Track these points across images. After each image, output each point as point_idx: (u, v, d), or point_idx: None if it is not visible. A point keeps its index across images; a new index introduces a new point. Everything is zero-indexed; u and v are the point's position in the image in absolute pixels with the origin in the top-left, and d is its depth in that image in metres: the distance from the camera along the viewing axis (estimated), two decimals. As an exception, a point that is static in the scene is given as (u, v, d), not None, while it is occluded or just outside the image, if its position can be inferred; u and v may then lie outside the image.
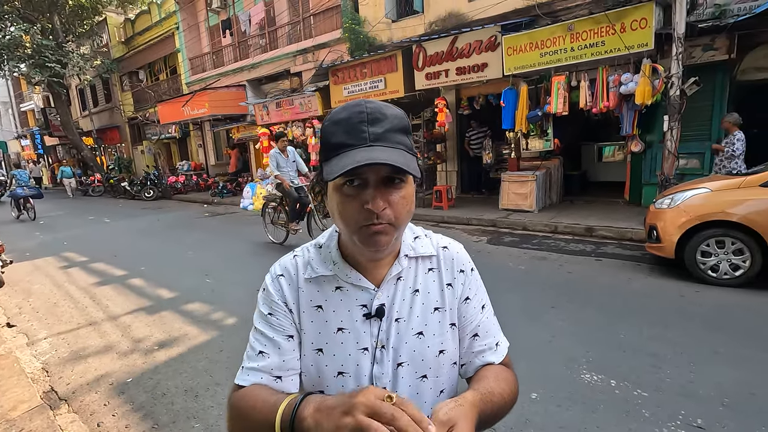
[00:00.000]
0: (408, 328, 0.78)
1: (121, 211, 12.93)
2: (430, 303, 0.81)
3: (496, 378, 0.78)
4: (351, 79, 10.09)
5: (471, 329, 0.84)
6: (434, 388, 0.80)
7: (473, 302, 0.85)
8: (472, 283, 0.86)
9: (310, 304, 0.79)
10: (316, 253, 0.82)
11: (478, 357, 0.83)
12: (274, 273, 0.83)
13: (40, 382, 3.24)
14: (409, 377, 0.78)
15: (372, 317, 0.77)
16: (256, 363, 0.77)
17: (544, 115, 7.54)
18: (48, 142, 26.36)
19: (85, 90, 22.79)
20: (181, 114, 14.43)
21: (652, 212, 4.70)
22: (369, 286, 0.78)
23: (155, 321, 4.18)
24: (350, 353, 0.77)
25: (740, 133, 5.81)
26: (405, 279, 0.81)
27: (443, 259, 0.85)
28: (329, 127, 0.70)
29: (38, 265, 6.73)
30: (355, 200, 0.68)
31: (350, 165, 0.64)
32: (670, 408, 2.38)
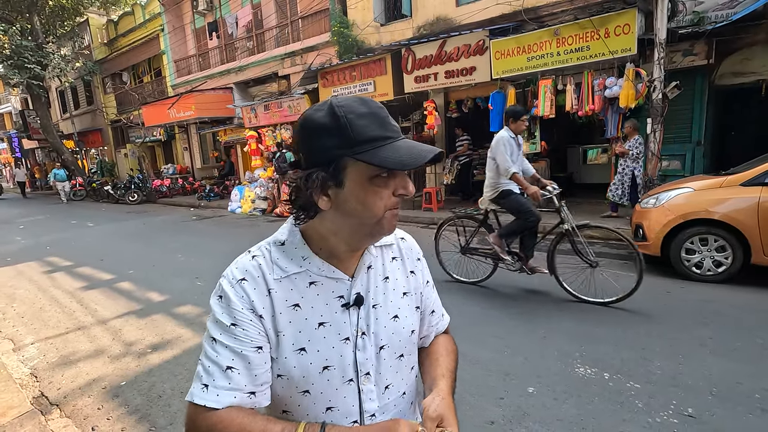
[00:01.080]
0: (385, 313, 0.83)
1: (104, 215, 12.67)
2: (400, 288, 0.87)
3: (447, 351, 0.94)
4: (340, 82, 10.12)
5: (431, 307, 0.96)
6: (408, 365, 0.88)
7: (429, 285, 0.97)
8: (425, 270, 0.97)
9: (286, 305, 0.76)
10: (280, 252, 0.79)
11: (433, 328, 0.98)
12: (234, 278, 0.76)
13: (29, 387, 3.16)
14: (390, 358, 0.83)
15: (351, 306, 0.79)
16: (226, 381, 0.71)
17: (531, 118, 7.67)
18: (26, 146, 25.64)
19: (66, 92, 22.29)
20: (167, 116, 14.24)
21: (638, 211, 4.83)
22: (344, 277, 0.79)
23: (147, 324, 4.12)
24: (333, 345, 0.77)
25: (640, 137, 6.46)
26: (375, 267, 0.85)
27: (403, 249, 0.92)
28: (356, 119, 0.68)
29: (21, 270, 6.56)
30: (386, 189, 0.72)
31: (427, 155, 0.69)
32: (661, 398, 2.45)
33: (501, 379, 2.78)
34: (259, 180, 11.50)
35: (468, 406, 2.51)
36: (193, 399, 0.71)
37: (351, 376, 0.79)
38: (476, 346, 3.23)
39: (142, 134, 18.12)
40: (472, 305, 4.05)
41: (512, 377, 2.79)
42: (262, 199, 11.09)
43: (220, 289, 0.76)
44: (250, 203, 11.27)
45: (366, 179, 0.70)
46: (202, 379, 0.72)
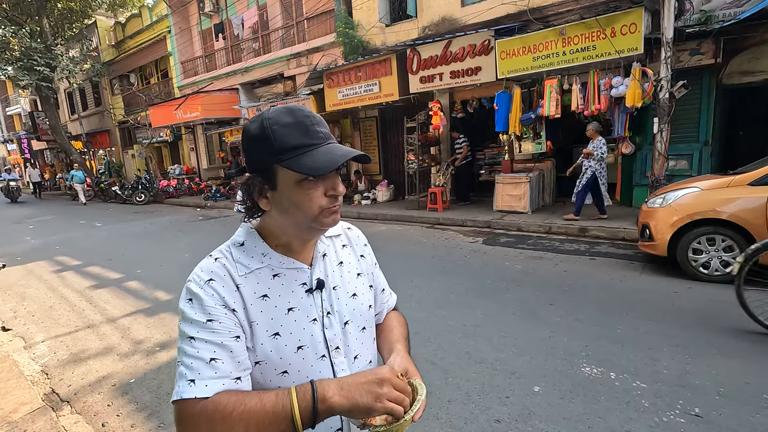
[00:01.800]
0: (345, 293, 0.93)
1: (112, 216, 12.79)
2: (353, 271, 0.98)
3: (399, 323, 1.08)
4: (346, 83, 10.15)
5: (381, 286, 1.09)
6: (369, 336, 0.99)
7: (377, 268, 1.09)
8: (371, 254, 1.08)
9: (255, 296, 0.82)
10: (240, 252, 0.85)
11: (384, 305, 1.10)
12: (201, 280, 0.80)
13: (40, 384, 3.21)
14: (355, 331, 0.93)
15: (314, 291, 0.88)
16: (212, 371, 0.73)
17: (537, 118, 7.66)
18: (36, 147, 25.94)
19: (74, 93, 22.53)
20: (174, 117, 14.35)
21: (644, 211, 4.81)
22: (303, 266, 0.89)
23: (155, 323, 4.17)
24: (304, 327, 0.85)
25: (603, 139, 6.66)
26: (329, 255, 0.95)
27: (351, 237, 1.04)
28: (280, 129, 0.77)
29: (31, 269, 6.65)
30: (317, 189, 0.79)
31: (341, 159, 0.76)
32: (668, 398, 2.45)
33: (507, 378, 2.79)
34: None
35: (474, 405, 2.53)
36: (182, 396, 0.72)
37: (323, 352, 0.87)
38: (482, 345, 3.23)
39: (149, 135, 18.27)
40: (475, 307, 4.06)
41: (518, 376, 2.80)
42: (267, 199, 11.13)
43: (188, 293, 0.79)
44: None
45: (294, 183, 0.79)
46: (186, 377, 0.73)
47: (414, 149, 9.40)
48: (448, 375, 2.87)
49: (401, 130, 10.34)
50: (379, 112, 11.31)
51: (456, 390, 2.69)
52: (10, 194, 18.77)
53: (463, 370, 2.92)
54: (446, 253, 6.09)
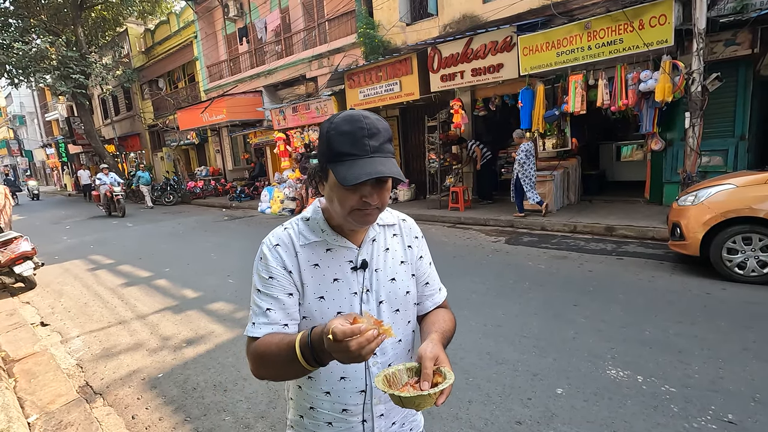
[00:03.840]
0: (385, 276, 1.04)
1: (143, 216, 13.25)
2: (398, 258, 1.08)
3: (444, 319, 1.07)
4: (366, 83, 10.19)
5: (423, 279, 1.14)
6: (404, 319, 1.07)
7: (424, 260, 1.15)
8: (422, 247, 1.15)
9: (308, 263, 0.99)
10: (305, 225, 1.03)
11: (429, 299, 1.15)
12: (271, 243, 1.00)
13: (75, 377, 3.37)
14: (388, 311, 1.04)
15: (358, 269, 1.01)
16: (265, 318, 0.95)
17: (561, 115, 7.49)
18: (72, 150, 27.15)
19: (107, 99, 23.43)
20: (200, 120, 14.74)
21: (675, 210, 4.63)
22: (353, 246, 1.01)
23: (182, 320, 4.30)
24: (345, 297, 0.99)
25: (527, 144, 7.28)
26: (378, 240, 1.06)
27: (403, 228, 1.12)
28: (336, 136, 0.88)
29: (67, 268, 6.96)
30: (355, 194, 0.89)
31: (365, 177, 0.84)
32: (699, 403, 2.35)
33: (529, 379, 2.74)
34: (288, 181, 11.73)
35: (494, 406, 2.49)
36: (246, 333, 0.97)
37: None
38: (503, 346, 3.19)
39: (177, 138, 18.82)
40: (496, 307, 4.00)
41: (540, 378, 2.75)
42: (290, 199, 11.30)
43: (260, 252, 1.01)
44: (279, 204, 11.51)
45: (335, 182, 0.89)
46: (251, 319, 0.97)
47: (435, 148, 9.35)
48: (469, 375, 2.84)
49: (422, 129, 10.29)
50: (400, 112, 11.29)
51: (476, 390, 2.66)
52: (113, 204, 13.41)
53: (483, 370, 2.89)
54: (468, 252, 6.03)
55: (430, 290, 1.15)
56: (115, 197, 13.08)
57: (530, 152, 7.27)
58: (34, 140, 36.28)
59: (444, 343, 0.96)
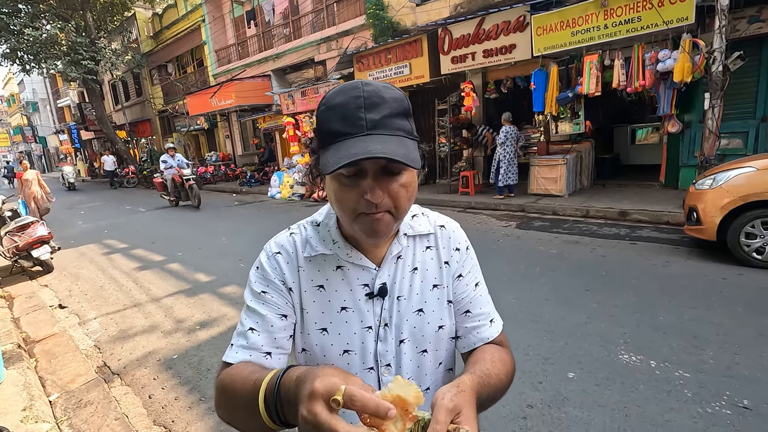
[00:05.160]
0: (409, 306, 0.80)
1: (155, 202, 13.39)
2: (429, 280, 0.82)
3: (492, 359, 0.77)
4: (376, 66, 10.05)
5: (463, 305, 0.84)
6: (434, 361, 0.83)
7: (465, 279, 0.85)
8: (466, 261, 0.86)
9: (311, 284, 0.78)
10: (314, 231, 0.81)
11: (472, 333, 0.84)
12: (270, 251, 0.81)
13: (93, 358, 3.45)
14: (411, 352, 0.80)
15: (374, 297, 0.78)
16: (245, 340, 0.75)
17: (575, 97, 7.32)
18: (84, 137, 27.44)
19: (117, 85, 23.55)
20: (209, 105, 14.74)
21: (692, 194, 4.53)
22: (370, 266, 0.78)
23: (195, 303, 4.37)
24: (355, 332, 0.77)
25: (508, 128, 7.57)
26: (404, 258, 0.81)
27: (441, 238, 0.86)
28: (324, 113, 0.67)
29: (83, 252, 7.10)
30: (353, 190, 0.67)
31: (346, 159, 0.61)
32: (713, 388, 2.33)
33: (539, 363, 2.74)
34: (297, 166, 11.73)
35: (505, 389, 2.50)
36: (223, 357, 0.77)
37: (371, 365, 0.79)
38: (514, 330, 3.18)
39: (187, 123, 18.88)
40: (507, 292, 3.99)
41: (551, 362, 2.74)
42: (300, 184, 11.32)
43: (258, 260, 0.82)
44: (288, 189, 11.54)
45: (332, 175, 0.68)
46: (232, 341, 0.78)
47: (445, 132, 9.24)
48: (479, 359, 2.84)
49: (432, 112, 10.15)
50: (410, 95, 11.14)
51: (487, 374, 2.67)
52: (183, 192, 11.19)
53: (494, 354, 2.89)
54: (478, 237, 5.99)
55: (474, 321, 0.84)
56: (187, 183, 10.81)
57: (510, 135, 7.55)
58: (47, 126, 36.74)
59: (480, 392, 0.66)
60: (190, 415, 2.56)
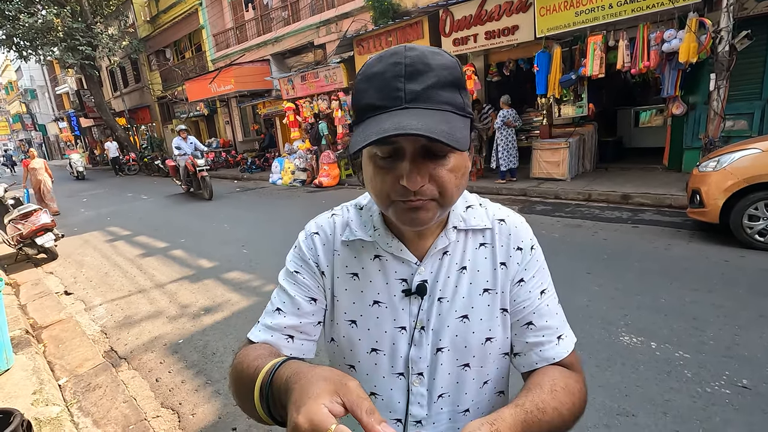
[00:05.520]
0: (451, 310, 0.70)
1: (156, 189, 13.41)
2: (479, 283, 0.71)
3: (553, 388, 0.63)
4: (376, 49, 9.90)
5: (524, 316, 0.71)
6: (477, 379, 0.72)
7: (528, 285, 0.72)
8: (530, 264, 0.73)
9: (345, 270, 0.73)
10: (356, 215, 0.76)
11: (534, 350, 0.71)
12: (309, 230, 0.76)
13: (100, 343, 3.51)
14: (450, 365, 0.70)
15: (412, 294, 0.69)
16: (270, 320, 0.71)
17: (578, 79, 7.22)
18: (84, 124, 27.32)
19: (116, 71, 23.33)
20: (209, 91, 14.62)
21: (695, 176, 4.50)
22: (411, 259, 0.70)
23: (199, 288, 4.40)
24: (386, 330, 0.70)
25: (505, 110, 7.54)
26: (452, 254, 0.71)
27: (499, 234, 0.73)
28: (360, 83, 0.59)
29: (86, 239, 7.14)
30: (389, 174, 0.59)
31: (373, 136, 0.53)
32: (713, 368, 2.36)
33: (541, 345, 2.76)
34: (298, 152, 11.67)
35: (507, 371, 2.53)
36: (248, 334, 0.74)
37: (401, 370, 0.71)
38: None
39: (187, 109, 18.76)
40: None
41: (553, 344, 2.76)
42: (301, 170, 11.29)
43: (297, 239, 0.78)
44: (290, 175, 11.52)
45: (368, 156, 0.62)
46: (259, 318, 0.74)
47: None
48: (481, 341, 2.87)
49: (434, 96, 10.06)
50: (411, 79, 11.01)
51: (489, 356, 2.70)
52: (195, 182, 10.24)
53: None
54: (480, 221, 5.99)
55: (537, 336, 0.71)
56: (199, 173, 9.76)
57: (506, 119, 7.51)
58: (47, 114, 36.56)
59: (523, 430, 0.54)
60: (196, 397, 2.61)
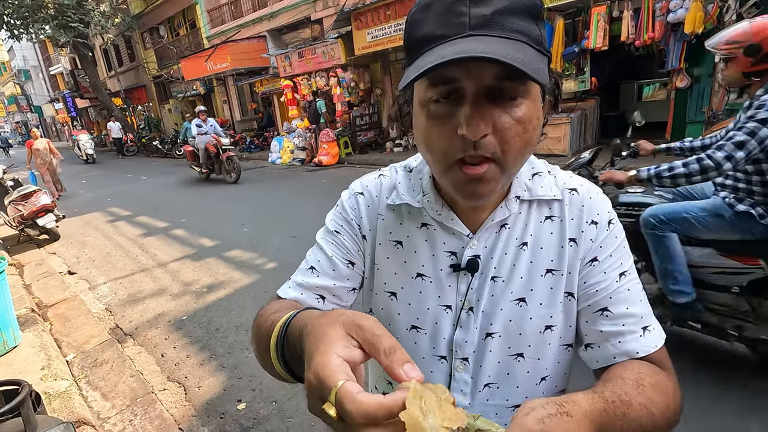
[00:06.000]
0: (506, 291, 0.61)
1: (155, 169, 13.37)
2: (542, 262, 0.61)
3: (639, 382, 0.51)
4: (374, 23, 9.68)
5: (596, 301, 0.60)
6: (533, 373, 0.63)
7: (603, 265, 0.61)
8: (607, 240, 0.61)
9: (389, 237, 0.66)
10: (405, 177, 0.68)
11: (611, 341, 0.59)
12: (354, 190, 0.70)
13: (105, 320, 3.56)
14: (500, 353, 0.62)
15: (461, 270, 0.61)
16: (302, 278, 0.66)
17: (581, 52, 7.08)
18: (80, 105, 27.00)
19: (110, 50, 22.90)
20: (205, 69, 14.37)
21: (697, 149, 4.46)
22: (463, 231, 0.62)
23: (201, 267, 4.44)
24: (429, 307, 0.63)
25: None
26: (512, 227, 0.62)
27: (569, 206, 0.62)
28: (415, 14, 0.51)
29: (87, 220, 7.16)
30: (445, 123, 0.49)
31: (431, 63, 0.44)
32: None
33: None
34: (297, 130, 11.57)
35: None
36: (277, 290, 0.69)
37: (443, 353, 0.64)
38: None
39: (183, 89, 18.49)
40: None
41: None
42: (300, 149, 11.21)
43: (339, 200, 0.72)
44: (289, 154, 11.45)
45: (420, 105, 0.52)
46: (291, 275, 0.70)
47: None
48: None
49: (433, 72, 9.90)
50: (410, 54, 10.81)
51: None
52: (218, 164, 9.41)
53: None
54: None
55: (615, 325, 0.59)
56: (224, 154, 9.03)
57: None
58: (41, 95, 36.10)
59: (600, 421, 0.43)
60: (202, 371, 2.67)
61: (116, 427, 2.25)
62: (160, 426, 2.21)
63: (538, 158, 0.67)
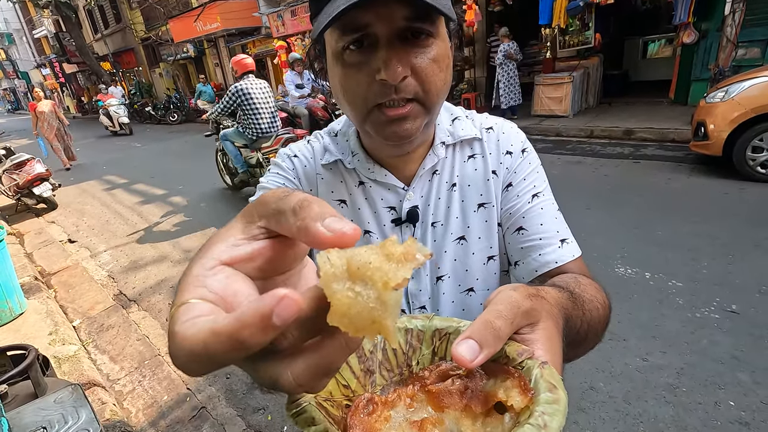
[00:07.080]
0: (447, 233, 0.64)
1: (149, 136, 13.15)
2: (472, 198, 0.65)
3: (578, 281, 0.53)
4: (370, -22, 9.21)
5: (513, 222, 0.63)
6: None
7: (517, 189, 0.64)
8: (520, 166, 0.65)
9: (332, 196, 0.66)
10: (332, 141, 0.69)
11: (533, 256, 0.60)
12: (286, 154, 0.69)
13: (109, 287, 3.60)
14: (452, 293, 0.65)
15: (403, 223, 0.64)
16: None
17: (586, 6, 6.79)
18: (68, 70, 26.18)
19: (94, 11, 21.92)
20: (194, 30, 13.84)
21: (701, 108, 4.37)
22: (397, 184, 0.64)
23: (200, 234, 4.44)
24: None
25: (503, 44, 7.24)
26: (441, 172, 0.65)
27: (488, 142, 0.66)
28: None
29: (84, 188, 7.10)
30: (362, 70, 0.50)
31: (340, 6, 0.44)
32: (704, 296, 2.43)
33: (538, 278, 2.83)
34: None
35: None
36: None
37: (401, 306, 0.64)
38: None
39: (173, 51, 17.87)
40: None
41: (549, 277, 2.83)
42: (296, 113, 10.98)
43: (269, 166, 0.72)
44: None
45: (334, 56, 0.53)
46: None
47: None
48: (480, 276, 2.95)
49: (432, 30, 9.53)
50: (408, 11, 10.37)
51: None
52: None
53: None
54: (480, 161, 5.93)
55: (531, 240, 0.62)
56: None
57: (508, 52, 7.23)
58: (27, 60, 34.89)
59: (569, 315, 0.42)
60: (206, 334, 2.72)
61: (126, 388, 2.32)
62: (168, 386, 2.28)
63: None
